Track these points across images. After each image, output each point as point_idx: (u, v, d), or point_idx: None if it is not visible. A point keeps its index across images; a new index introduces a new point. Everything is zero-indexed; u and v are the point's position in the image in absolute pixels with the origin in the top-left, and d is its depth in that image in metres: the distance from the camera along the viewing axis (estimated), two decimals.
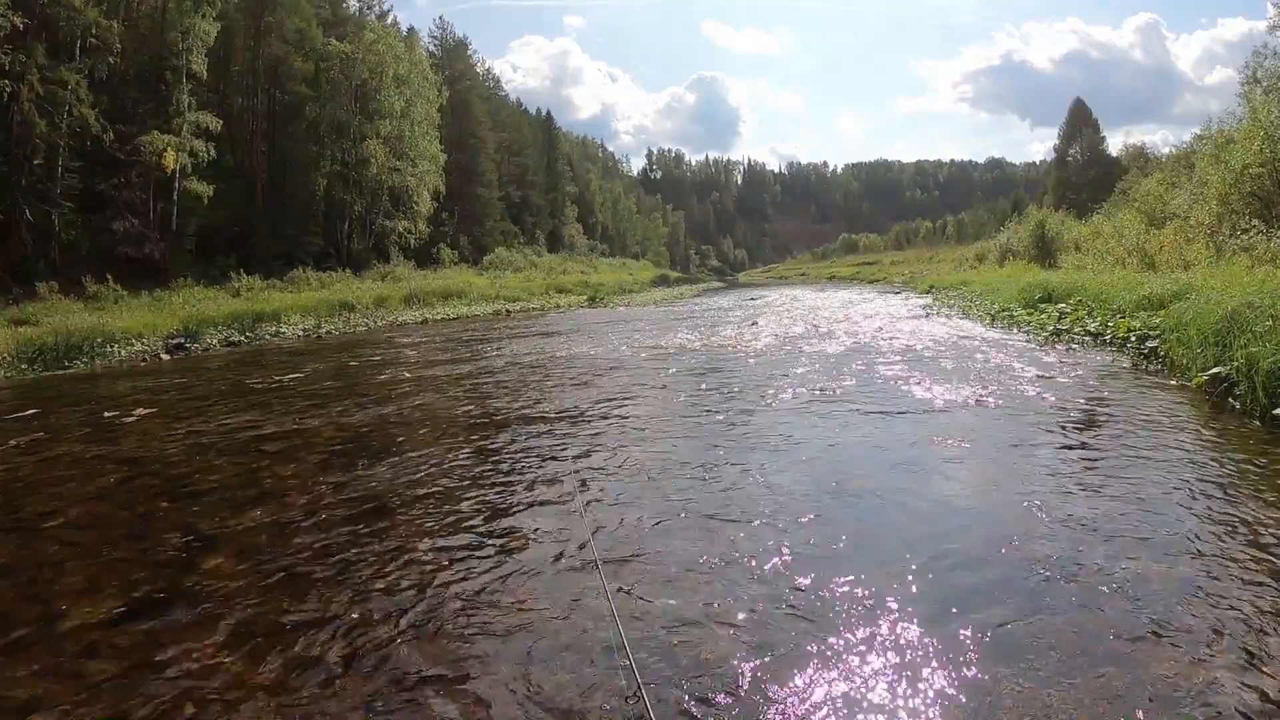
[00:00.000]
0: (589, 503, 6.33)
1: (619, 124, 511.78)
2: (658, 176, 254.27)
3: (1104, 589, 4.39)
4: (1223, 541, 4.99)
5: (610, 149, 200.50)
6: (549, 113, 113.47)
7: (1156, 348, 11.97)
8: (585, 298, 50.00)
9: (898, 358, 13.74)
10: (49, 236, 35.42)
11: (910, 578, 4.63)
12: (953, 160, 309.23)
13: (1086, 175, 69.53)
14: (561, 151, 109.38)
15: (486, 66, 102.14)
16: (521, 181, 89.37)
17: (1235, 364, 8.90)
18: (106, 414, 12.21)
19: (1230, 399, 8.87)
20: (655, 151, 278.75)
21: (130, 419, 11.62)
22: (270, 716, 3.59)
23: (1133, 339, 13.04)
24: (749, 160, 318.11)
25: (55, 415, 12.75)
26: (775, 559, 5.03)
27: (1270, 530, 5.14)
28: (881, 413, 9.32)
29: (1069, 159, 76.96)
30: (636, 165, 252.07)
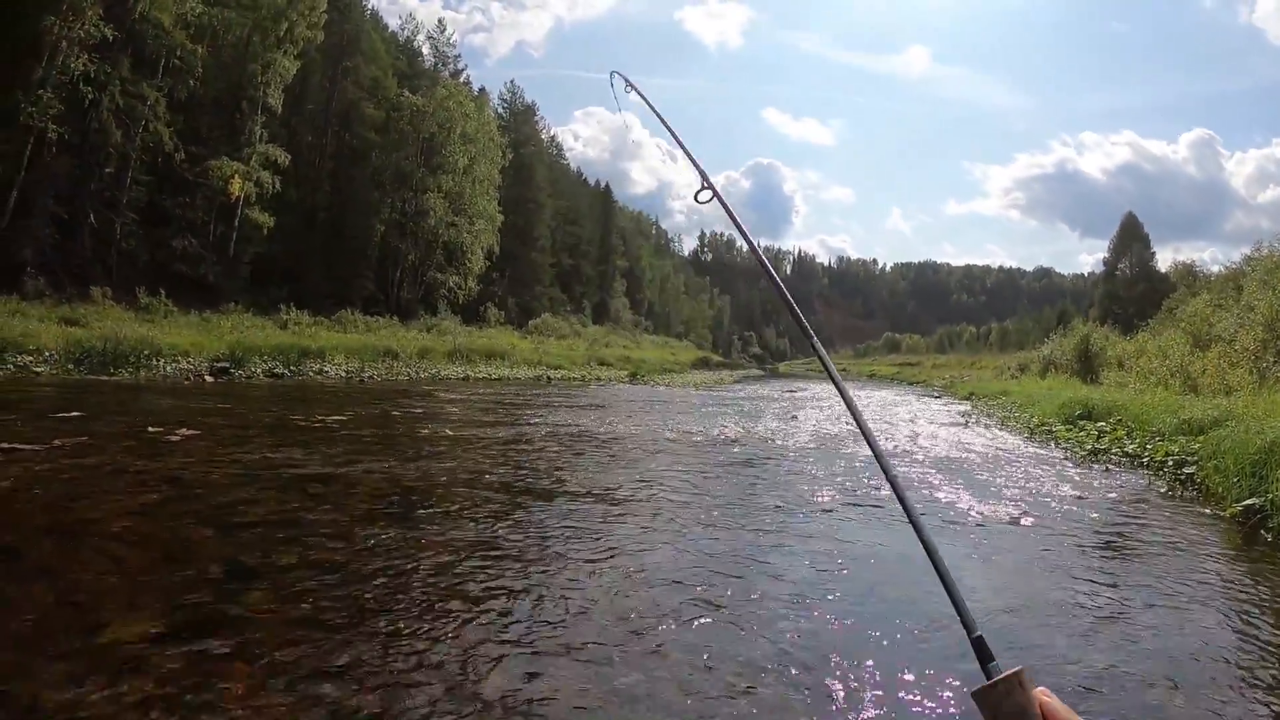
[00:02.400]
0: (602, 591, 6.37)
1: (674, 202, 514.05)
2: (708, 259, 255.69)
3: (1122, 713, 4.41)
4: (1245, 671, 4.97)
5: (664, 227, 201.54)
6: (608, 185, 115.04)
7: (1193, 474, 11.83)
8: (626, 373, 50.07)
9: (935, 467, 13.67)
10: (109, 243, 36.33)
11: (921, 685, 4.65)
12: (1001, 266, 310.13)
13: (1134, 290, 69.05)
14: (616, 225, 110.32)
15: (551, 134, 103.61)
16: (574, 250, 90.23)
17: (1271, 496, 8.84)
18: (150, 429, 12.42)
19: (1264, 531, 8.80)
20: (708, 234, 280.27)
21: (174, 438, 11.82)
22: None
23: (1170, 463, 12.89)
24: (799, 251, 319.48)
25: (99, 422, 13.01)
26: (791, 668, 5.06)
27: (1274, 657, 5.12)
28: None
29: (1118, 273, 76.41)
30: (688, 245, 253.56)
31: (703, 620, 5.59)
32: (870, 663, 4.86)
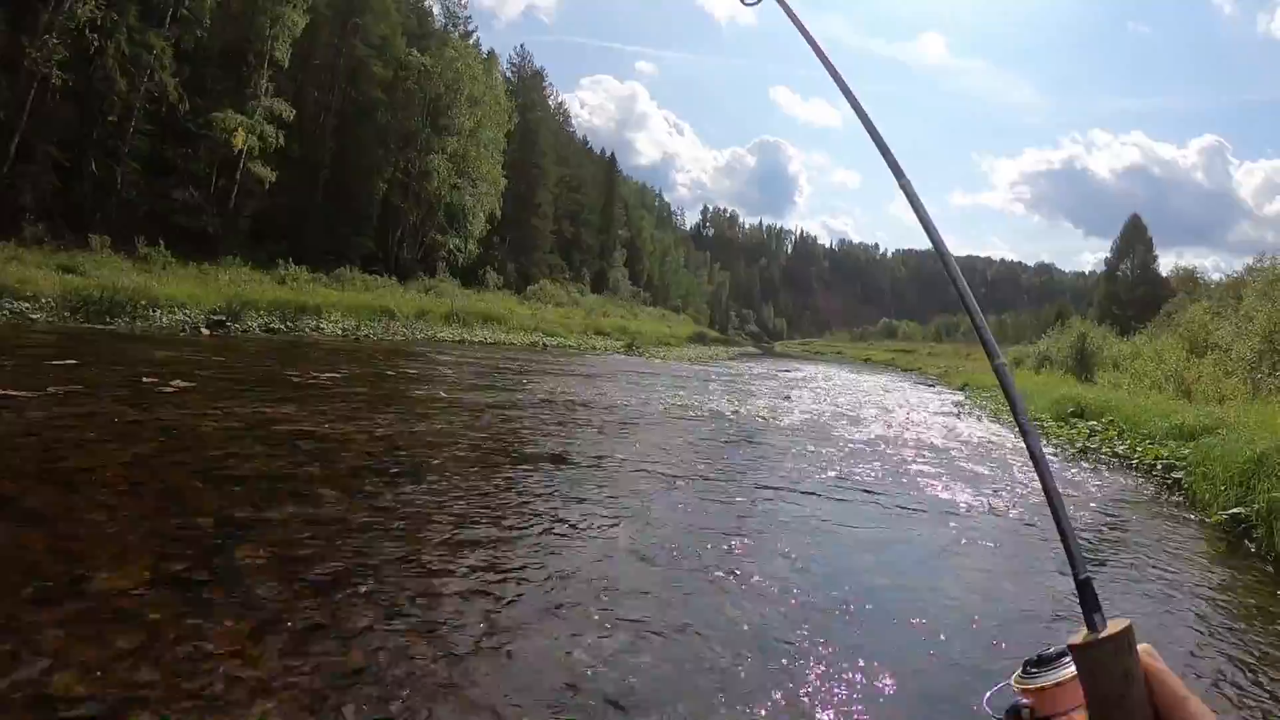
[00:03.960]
0: (589, 557, 6.42)
1: (678, 175, 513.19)
2: (709, 234, 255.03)
3: None
4: (1214, 674, 5.03)
5: (667, 199, 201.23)
6: (613, 155, 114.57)
7: (1181, 479, 11.92)
8: (622, 344, 50.02)
9: (925, 454, 13.74)
10: (110, 192, 36.14)
11: (891, 673, 4.69)
12: (1003, 259, 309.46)
13: (1134, 293, 69.02)
14: (619, 195, 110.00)
15: (558, 100, 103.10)
16: (576, 218, 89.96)
17: (1256, 506, 8.90)
18: (145, 379, 12.46)
19: (1247, 540, 8.85)
20: (711, 209, 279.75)
21: (169, 389, 11.87)
22: (286, 705, 3.69)
23: (1159, 467, 12.99)
24: (801, 231, 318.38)
25: (94, 370, 13.05)
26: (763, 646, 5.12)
27: (1260, 670, 5.17)
28: (900, 508, 9.33)
29: (1119, 274, 76.27)
30: (690, 220, 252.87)
31: (685, 590, 5.65)
32: (842, 644, 4.91)
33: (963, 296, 1.62)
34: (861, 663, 4.71)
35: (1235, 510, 9.32)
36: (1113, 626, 1.26)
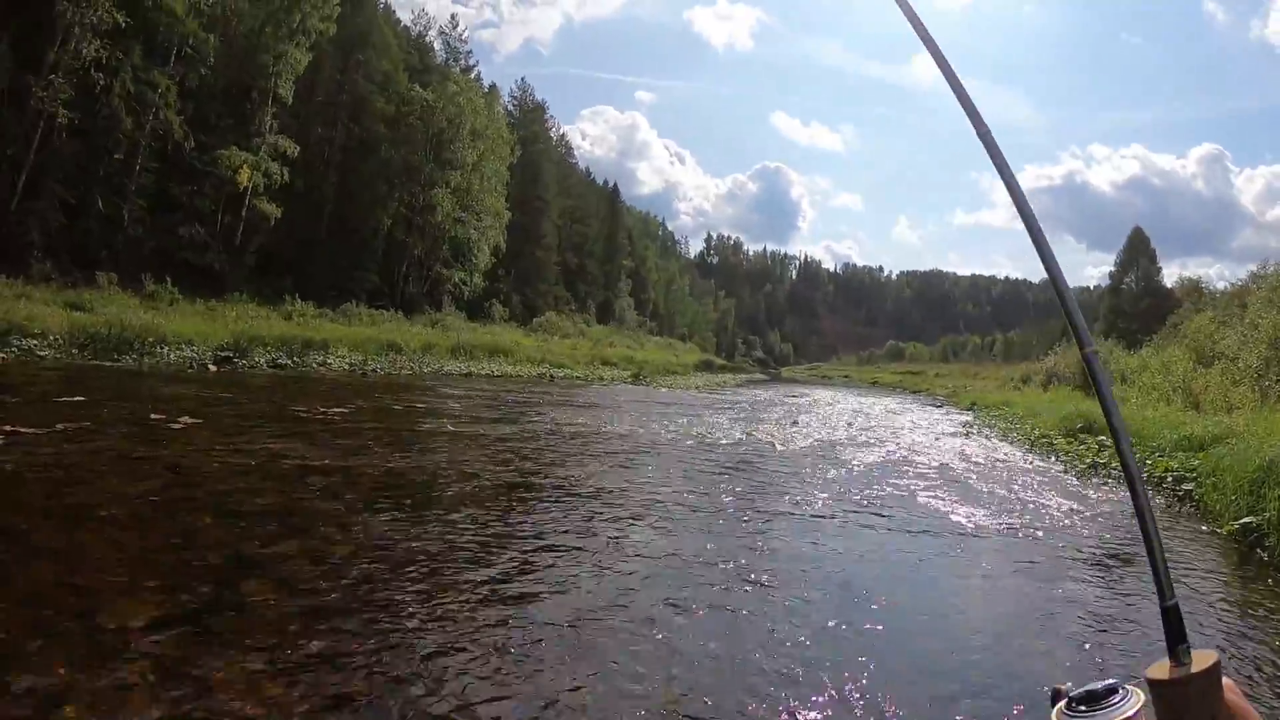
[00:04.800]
0: (600, 594, 6.39)
1: (680, 204, 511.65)
2: (714, 262, 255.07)
3: None
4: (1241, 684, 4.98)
5: (670, 228, 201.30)
6: (615, 185, 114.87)
7: (1192, 491, 11.85)
8: (629, 374, 50.03)
9: (934, 476, 13.69)
10: (116, 229, 36.35)
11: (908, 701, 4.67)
12: (1007, 277, 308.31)
13: (1139, 305, 68.69)
14: (623, 224, 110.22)
15: (560, 132, 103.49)
16: (580, 249, 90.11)
17: (1268, 515, 8.85)
18: (153, 416, 12.48)
19: (1259, 550, 8.80)
20: (715, 237, 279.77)
21: (177, 426, 11.88)
22: None
23: (1169, 479, 12.91)
24: (805, 256, 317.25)
25: (102, 407, 13.07)
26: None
27: (1271, 676, 5.15)
28: (910, 531, 9.30)
29: (1123, 287, 75.92)
30: (694, 248, 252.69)
31: (693, 621, 5.64)
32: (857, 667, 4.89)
33: (1051, 272, 1.58)
34: (880, 679, 4.69)
35: (1247, 520, 9.26)
36: (1200, 660, 1.18)
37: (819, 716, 4.30)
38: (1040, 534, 9.39)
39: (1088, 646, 5.62)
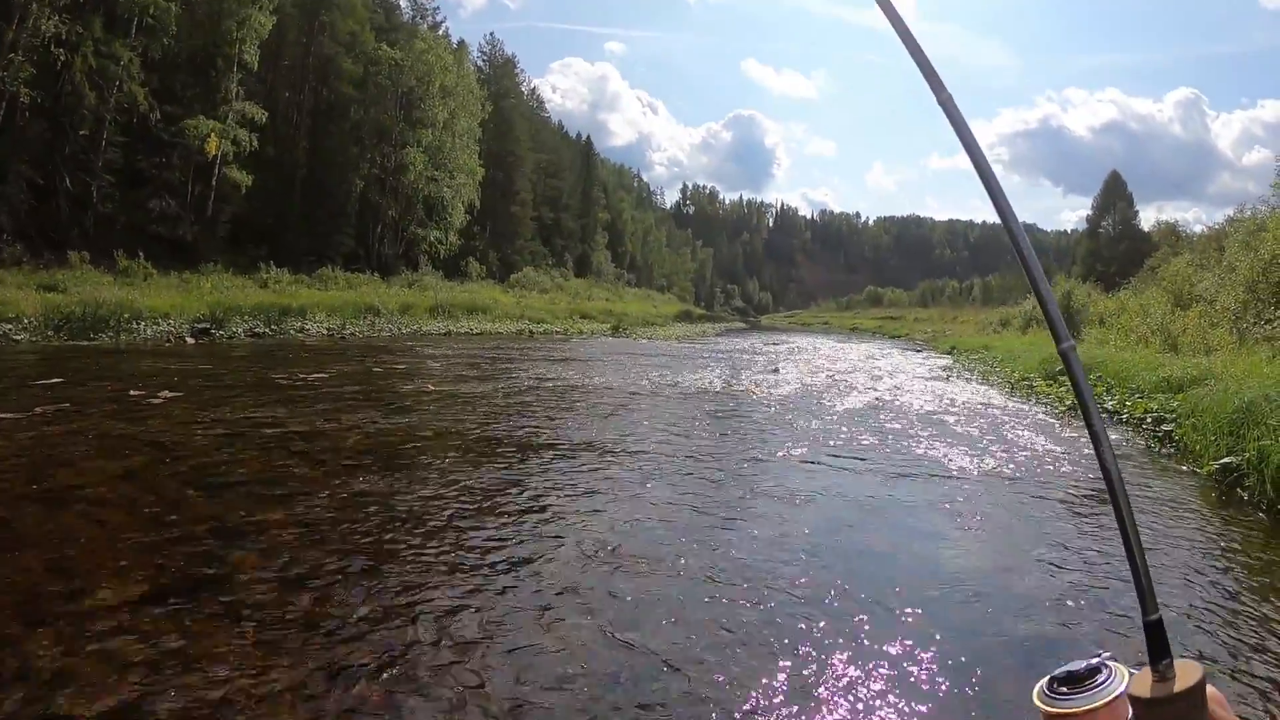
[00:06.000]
0: (591, 540, 6.44)
1: (654, 155, 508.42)
2: (690, 212, 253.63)
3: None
4: (1208, 627, 5.05)
5: (645, 179, 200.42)
6: (589, 138, 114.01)
7: (1171, 432, 11.94)
8: (609, 326, 50.14)
9: (916, 420, 13.78)
10: (86, 207, 35.83)
11: (893, 633, 4.70)
12: (984, 221, 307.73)
13: (1117, 249, 68.78)
14: (597, 178, 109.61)
15: (531, 86, 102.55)
16: (555, 204, 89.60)
17: (1247, 455, 8.91)
18: (132, 393, 12.42)
19: (1239, 490, 8.89)
20: (690, 187, 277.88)
21: (157, 401, 11.84)
22: (290, 712, 3.69)
23: (1149, 420, 13.01)
24: (782, 204, 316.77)
25: (81, 388, 13.00)
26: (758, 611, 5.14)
27: (1257, 615, 5.21)
28: (893, 476, 9.36)
29: (1101, 231, 76.05)
30: (670, 198, 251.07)
31: (681, 571, 5.66)
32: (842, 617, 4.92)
33: (1023, 257, 1.39)
34: (865, 629, 4.73)
35: (1226, 460, 9.33)
36: (1184, 676, 1.11)
37: (807, 651, 4.33)
38: (1023, 476, 9.48)
39: (1070, 587, 5.69)
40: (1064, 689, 1.12)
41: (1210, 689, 1.11)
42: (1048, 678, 1.15)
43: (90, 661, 3.98)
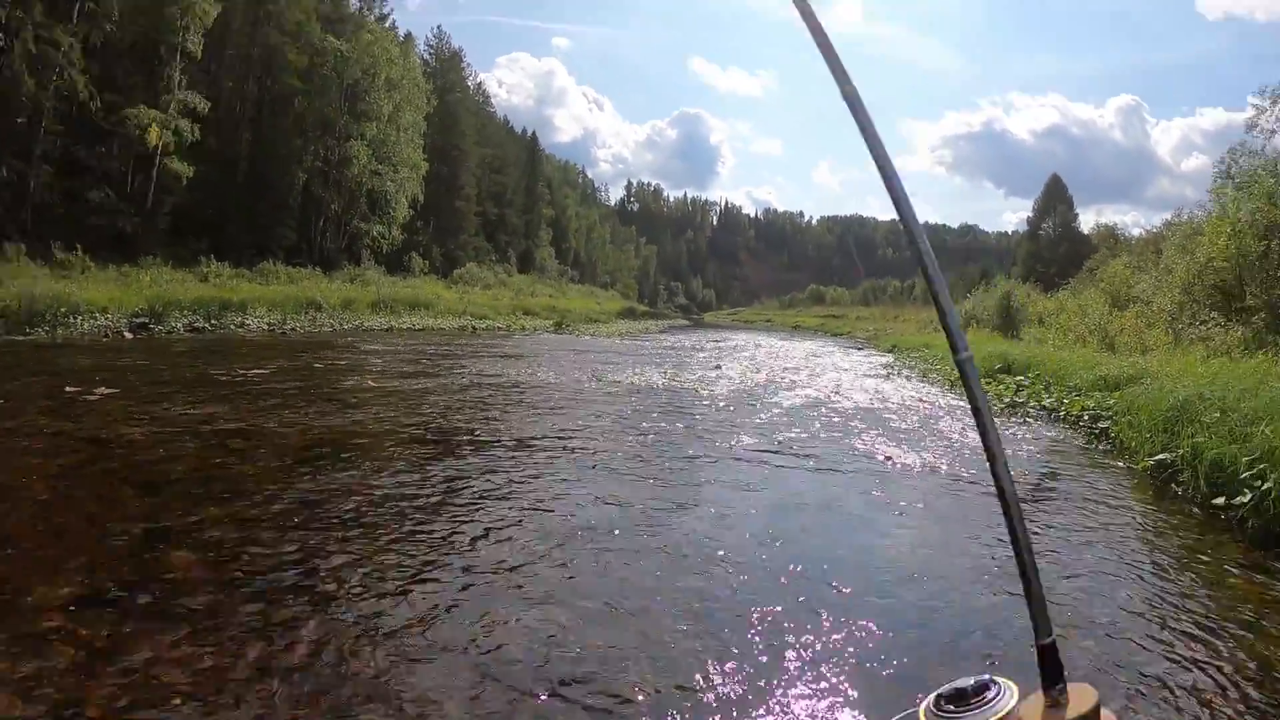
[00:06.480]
0: (533, 531, 6.45)
1: (599, 151, 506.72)
2: (635, 209, 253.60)
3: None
4: (1137, 615, 5.14)
5: (590, 176, 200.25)
6: (534, 134, 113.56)
7: (1108, 429, 12.17)
8: (552, 323, 50.14)
9: (856, 417, 13.90)
10: (23, 198, 35.01)
11: (827, 621, 4.74)
12: (927, 223, 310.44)
13: (1057, 250, 69.66)
14: (542, 174, 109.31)
15: (477, 81, 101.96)
16: (500, 199, 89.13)
17: (1181, 452, 9.10)
18: (68, 389, 12.18)
19: (1173, 485, 9.07)
20: (635, 184, 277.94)
21: (93, 397, 11.61)
22: (227, 711, 3.65)
23: (1086, 418, 13.27)
24: (726, 202, 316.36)
25: (14, 383, 12.76)
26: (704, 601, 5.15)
27: (1181, 607, 5.31)
28: (832, 470, 9.47)
29: (1041, 232, 77.06)
30: (615, 195, 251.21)
31: (612, 568, 5.66)
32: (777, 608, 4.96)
33: (923, 258, 1.44)
34: (785, 623, 4.76)
35: (1161, 456, 9.52)
36: (1078, 702, 1.11)
37: (749, 636, 4.34)
38: (961, 470, 9.59)
39: (1000, 571, 5.74)
40: (951, 706, 1.13)
41: (1105, 713, 1.11)
42: (935, 694, 1.16)
43: (23, 662, 3.90)
